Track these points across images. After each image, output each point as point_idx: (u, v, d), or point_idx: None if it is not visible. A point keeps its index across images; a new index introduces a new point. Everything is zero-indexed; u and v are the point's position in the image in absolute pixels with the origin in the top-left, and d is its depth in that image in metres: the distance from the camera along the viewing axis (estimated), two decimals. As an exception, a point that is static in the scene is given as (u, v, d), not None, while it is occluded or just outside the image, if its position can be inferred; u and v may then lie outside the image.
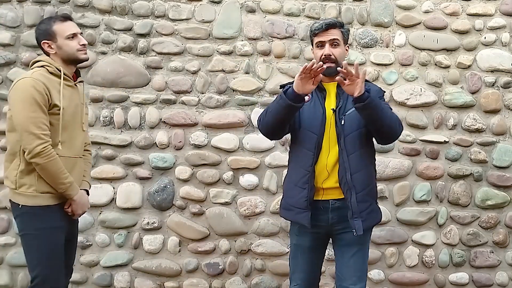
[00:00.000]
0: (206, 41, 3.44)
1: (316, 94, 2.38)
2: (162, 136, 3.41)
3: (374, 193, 2.40)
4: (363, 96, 2.16)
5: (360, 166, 2.30)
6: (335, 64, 2.29)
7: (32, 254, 2.28)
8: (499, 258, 3.52)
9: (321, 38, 2.35)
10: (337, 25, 2.36)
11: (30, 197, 2.26)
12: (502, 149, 3.50)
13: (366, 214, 2.30)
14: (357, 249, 2.35)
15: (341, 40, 2.36)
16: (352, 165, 2.28)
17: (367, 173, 2.34)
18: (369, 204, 2.33)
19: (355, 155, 2.29)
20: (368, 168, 2.36)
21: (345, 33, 2.39)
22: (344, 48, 2.40)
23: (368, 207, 2.32)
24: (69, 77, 2.37)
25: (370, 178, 2.37)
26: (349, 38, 2.46)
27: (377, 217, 2.40)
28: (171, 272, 3.41)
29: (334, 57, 2.31)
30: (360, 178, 2.29)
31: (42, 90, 2.22)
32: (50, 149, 2.22)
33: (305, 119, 2.36)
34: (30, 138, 2.19)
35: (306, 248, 2.41)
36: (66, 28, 2.34)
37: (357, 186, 2.28)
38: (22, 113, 2.20)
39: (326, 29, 2.33)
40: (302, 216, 2.32)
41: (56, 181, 2.26)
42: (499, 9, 3.52)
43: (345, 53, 2.42)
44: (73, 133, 2.37)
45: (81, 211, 2.40)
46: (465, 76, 3.51)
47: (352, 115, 2.30)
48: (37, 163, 2.21)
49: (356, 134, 2.31)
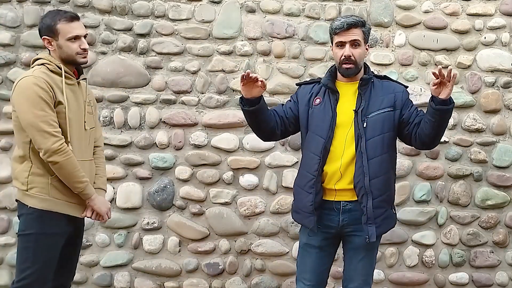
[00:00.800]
0: (206, 41, 3.44)
1: (328, 97, 2.35)
2: (162, 136, 3.41)
3: (391, 198, 2.36)
4: (449, 100, 2.15)
5: (380, 171, 2.27)
6: (355, 66, 2.29)
7: (26, 255, 2.22)
8: (499, 258, 3.52)
9: (341, 38, 2.28)
10: (359, 24, 2.29)
11: (40, 200, 2.21)
12: (502, 149, 3.50)
13: (380, 220, 2.28)
14: (365, 254, 2.35)
15: (361, 40, 2.30)
16: (372, 170, 2.24)
17: (386, 178, 2.31)
18: (384, 210, 2.30)
19: (376, 160, 2.26)
20: (387, 174, 2.32)
21: (366, 32, 2.33)
22: (365, 48, 2.34)
23: (384, 213, 2.30)
24: (70, 74, 2.31)
25: (388, 184, 2.33)
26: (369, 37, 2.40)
27: (391, 223, 2.38)
28: (171, 272, 3.42)
29: (354, 58, 2.28)
30: (378, 184, 2.26)
31: (46, 87, 2.16)
32: (66, 146, 2.17)
33: (313, 122, 2.34)
34: (43, 136, 2.13)
35: (316, 247, 2.39)
36: (70, 29, 2.26)
37: (374, 191, 2.25)
38: (30, 112, 2.14)
39: (347, 28, 2.27)
40: (308, 220, 2.33)
41: (73, 180, 2.21)
42: (499, 9, 3.52)
43: (365, 53, 2.36)
44: (78, 134, 2.31)
45: (105, 208, 2.35)
46: (465, 76, 3.51)
47: (376, 119, 2.27)
48: (55, 161, 2.15)
49: (379, 139, 2.27)
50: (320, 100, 2.33)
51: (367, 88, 2.33)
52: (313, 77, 3.39)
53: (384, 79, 2.43)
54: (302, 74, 3.45)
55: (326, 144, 2.28)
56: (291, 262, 3.44)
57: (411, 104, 2.38)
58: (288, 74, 3.46)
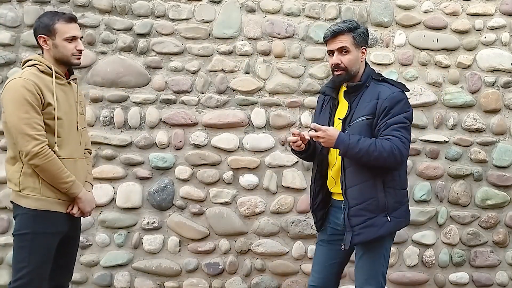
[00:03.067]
0: (206, 41, 3.44)
1: (328, 104, 2.42)
2: (162, 136, 3.41)
3: (379, 206, 2.28)
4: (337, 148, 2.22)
5: (356, 180, 2.27)
6: (345, 72, 2.30)
7: (23, 255, 2.23)
8: (499, 258, 3.52)
9: (330, 46, 2.33)
10: (345, 30, 2.29)
11: (33, 200, 2.23)
12: (502, 149, 3.50)
13: (360, 228, 2.27)
14: (364, 252, 2.35)
15: (351, 46, 2.29)
16: (348, 180, 2.29)
17: (367, 187, 2.27)
18: (365, 218, 2.26)
19: (351, 170, 2.28)
20: (368, 182, 2.27)
21: (357, 36, 2.30)
22: (358, 52, 2.32)
23: (365, 221, 2.26)
24: (61, 75, 2.32)
25: (371, 192, 2.27)
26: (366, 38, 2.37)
27: (381, 230, 2.28)
28: (171, 272, 3.41)
29: (343, 65, 2.29)
30: (354, 193, 2.27)
31: (34, 89, 2.17)
32: (47, 149, 2.19)
33: None
34: (25, 140, 2.15)
35: (325, 241, 2.48)
36: (67, 29, 2.29)
37: (350, 200, 2.28)
38: (15, 114, 2.16)
39: (333, 36, 2.30)
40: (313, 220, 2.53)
41: (57, 181, 2.23)
42: (499, 8, 3.51)
43: (360, 56, 2.33)
44: (69, 133, 2.32)
45: (89, 208, 2.38)
46: (465, 76, 3.51)
47: (354, 127, 2.27)
48: (36, 164, 2.18)
49: None
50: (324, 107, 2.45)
51: (358, 94, 2.32)
52: (313, 77, 3.41)
53: (381, 82, 2.36)
54: (302, 74, 3.45)
55: (323, 150, 2.39)
56: (291, 262, 3.44)
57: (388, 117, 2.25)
58: (288, 74, 3.46)
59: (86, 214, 2.40)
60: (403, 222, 2.38)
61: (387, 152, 2.19)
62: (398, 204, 2.33)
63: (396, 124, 2.23)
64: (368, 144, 2.19)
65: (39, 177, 2.23)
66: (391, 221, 2.29)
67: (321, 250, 2.50)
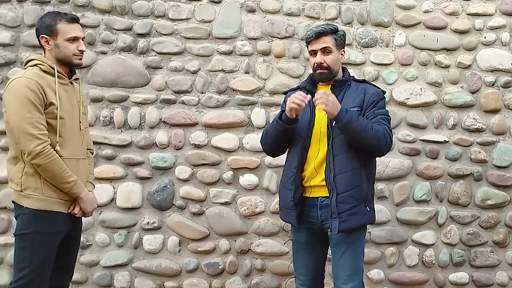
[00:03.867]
0: (206, 41, 3.44)
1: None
2: (162, 136, 3.41)
3: (362, 195, 2.34)
4: (338, 118, 2.24)
5: (346, 168, 2.32)
6: (328, 71, 2.41)
7: (24, 255, 2.23)
8: (499, 258, 3.52)
9: (313, 46, 2.43)
10: (328, 32, 2.40)
11: (35, 200, 2.23)
12: (502, 149, 3.50)
13: (346, 215, 2.30)
14: (346, 248, 2.36)
15: (333, 47, 2.41)
16: (337, 167, 2.32)
17: (353, 174, 2.33)
18: (352, 205, 2.31)
19: (341, 157, 2.32)
20: (355, 170, 2.33)
21: (338, 38, 2.43)
22: (339, 53, 2.44)
23: (351, 209, 2.31)
24: (63, 75, 2.33)
25: (356, 180, 2.33)
26: (345, 41, 2.49)
27: (362, 220, 2.35)
28: (171, 272, 3.41)
29: (326, 64, 2.40)
30: (343, 179, 2.31)
31: (36, 89, 2.17)
32: (50, 149, 2.19)
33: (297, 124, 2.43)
34: (27, 139, 2.15)
35: (303, 243, 2.49)
36: (69, 29, 2.30)
37: (339, 187, 2.31)
38: (17, 114, 2.16)
39: (317, 37, 2.40)
40: (289, 216, 2.44)
41: (59, 181, 2.23)
42: (499, 8, 3.52)
43: (341, 57, 2.47)
44: (71, 133, 2.32)
45: (91, 208, 2.38)
46: (465, 75, 3.51)
47: None
48: (38, 164, 2.18)
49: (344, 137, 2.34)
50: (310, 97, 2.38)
51: (341, 90, 2.43)
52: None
53: (362, 83, 2.52)
54: (302, 73, 3.45)
55: (304, 143, 2.40)
56: (291, 262, 3.44)
57: (375, 108, 2.39)
58: (288, 73, 3.46)
59: (87, 214, 2.40)
60: (375, 215, 2.45)
61: (381, 134, 2.31)
62: (372, 198, 2.44)
63: (383, 115, 2.39)
64: (366, 122, 2.30)
65: (41, 177, 2.23)
66: (369, 211, 2.38)
67: (303, 253, 2.50)
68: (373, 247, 3.44)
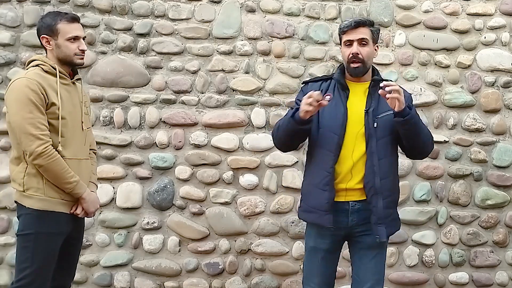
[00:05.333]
0: (206, 41, 3.44)
1: (338, 93, 2.32)
2: (162, 136, 3.41)
3: (396, 200, 2.38)
4: (403, 112, 2.15)
5: (389, 172, 2.30)
6: (362, 64, 2.28)
7: (25, 255, 2.23)
8: (499, 258, 3.52)
9: (349, 36, 2.29)
10: (367, 23, 2.30)
11: (37, 200, 2.23)
12: (502, 149, 3.50)
13: (389, 221, 2.30)
14: (377, 252, 2.32)
15: (370, 39, 2.29)
16: (382, 170, 2.25)
17: (394, 180, 2.34)
18: (392, 211, 2.32)
19: (386, 161, 2.27)
20: (395, 175, 2.36)
21: (374, 32, 2.33)
22: (373, 47, 2.33)
23: (391, 214, 2.32)
24: (65, 75, 2.33)
25: (395, 185, 2.36)
26: (379, 37, 2.41)
27: (398, 224, 2.39)
28: (171, 272, 3.41)
29: (361, 56, 2.27)
30: (387, 184, 2.28)
31: (38, 89, 2.17)
32: (51, 149, 2.19)
33: (326, 119, 2.29)
34: (29, 139, 2.15)
35: (324, 250, 2.36)
36: (70, 29, 2.29)
37: (384, 192, 2.25)
38: (18, 114, 2.16)
39: (355, 27, 2.28)
40: (324, 219, 2.27)
41: (61, 181, 2.23)
42: (499, 8, 3.52)
43: (374, 52, 2.35)
44: (73, 133, 2.32)
45: (93, 208, 2.37)
46: (465, 75, 3.51)
47: (386, 119, 2.26)
48: (40, 164, 2.18)
49: (388, 140, 2.29)
50: (331, 97, 2.22)
51: (377, 89, 2.26)
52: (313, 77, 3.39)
53: None
54: (302, 73, 3.45)
55: (339, 140, 2.25)
56: (291, 262, 3.44)
57: None
58: (288, 73, 3.46)
59: (90, 215, 2.40)
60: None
61: (429, 135, 2.34)
62: None
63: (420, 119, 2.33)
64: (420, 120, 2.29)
65: (43, 178, 2.23)
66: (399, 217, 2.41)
67: (319, 261, 2.37)
68: (373, 247, 3.44)
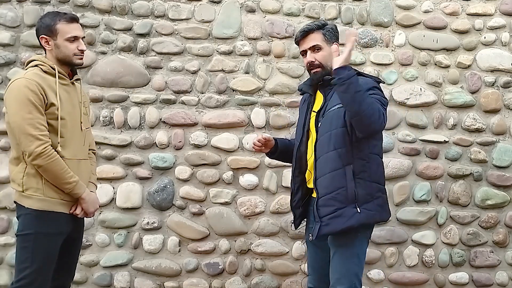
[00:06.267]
0: (206, 41, 3.44)
1: (309, 99, 2.44)
2: (162, 136, 3.41)
3: (348, 196, 2.22)
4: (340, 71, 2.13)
5: (326, 169, 2.25)
6: (321, 68, 2.32)
7: (25, 255, 2.23)
8: (499, 258, 3.52)
9: (302, 46, 2.37)
10: (315, 28, 2.33)
11: (37, 200, 2.23)
12: (502, 149, 3.50)
13: (328, 219, 2.23)
14: (335, 251, 2.29)
15: (322, 43, 2.32)
16: (318, 169, 2.28)
17: (336, 175, 2.23)
18: (334, 208, 2.22)
19: (322, 159, 2.27)
20: (338, 170, 2.23)
21: (326, 33, 2.33)
22: (330, 48, 2.30)
23: (334, 212, 2.23)
24: (64, 75, 2.33)
25: (341, 181, 2.23)
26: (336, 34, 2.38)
27: (349, 221, 2.21)
28: (171, 272, 3.41)
29: (317, 62, 2.31)
30: (324, 182, 2.25)
31: (37, 89, 2.17)
32: (51, 150, 2.19)
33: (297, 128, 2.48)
34: (28, 140, 2.15)
35: (310, 242, 2.46)
36: (69, 29, 2.29)
37: (320, 190, 2.27)
38: (18, 115, 2.16)
39: (303, 36, 2.34)
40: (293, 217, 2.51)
41: (60, 182, 2.23)
42: (499, 8, 3.52)
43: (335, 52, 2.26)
44: (73, 134, 2.32)
45: (93, 208, 2.37)
46: (465, 76, 3.51)
47: (326, 117, 2.28)
48: (39, 164, 2.18)
49: (326, 137, 2.26)
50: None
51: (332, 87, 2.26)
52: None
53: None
54: (302, 74, 3.45)
55: (300, 146, 2.41)
56: (291, 262, 3.44)
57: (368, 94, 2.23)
58: (288, 74, 3.46)
59: (89, 215, 2.40)
60: (375, 215, 2.28)
61: (376, 108, 2.16)
62: (370, 197, 2.26)
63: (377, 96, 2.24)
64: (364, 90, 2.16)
65: (42, 178, 2.23)
66: (361, 212, 2.22)
67: (310, 253, 2.52)
68: (373, 247, 3.43)
